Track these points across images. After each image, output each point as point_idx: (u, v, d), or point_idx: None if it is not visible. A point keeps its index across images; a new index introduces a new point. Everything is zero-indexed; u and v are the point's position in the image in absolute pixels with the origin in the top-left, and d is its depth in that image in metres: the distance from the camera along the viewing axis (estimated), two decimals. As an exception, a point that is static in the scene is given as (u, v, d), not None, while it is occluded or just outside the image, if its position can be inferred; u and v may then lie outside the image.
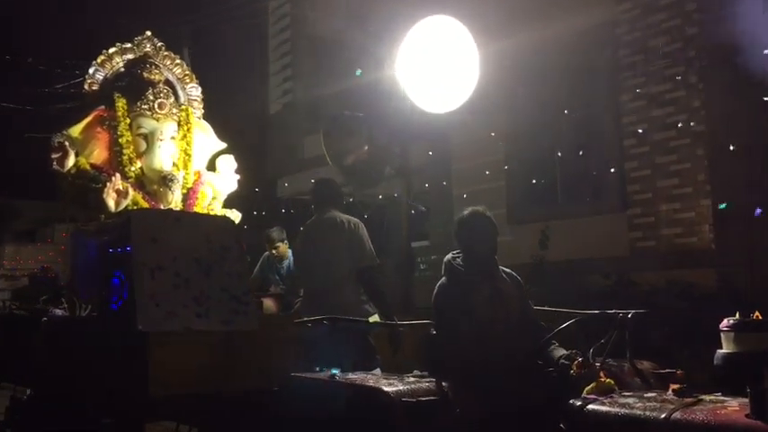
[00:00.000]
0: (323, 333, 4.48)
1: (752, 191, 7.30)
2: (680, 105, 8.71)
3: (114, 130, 6.39)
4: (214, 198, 6.63)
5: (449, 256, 4.06)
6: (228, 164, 6.74)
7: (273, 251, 7.14)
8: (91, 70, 6.55)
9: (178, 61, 6.81)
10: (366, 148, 5.95)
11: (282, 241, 7.19)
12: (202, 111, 6.85)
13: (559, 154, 9.52)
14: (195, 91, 6.84)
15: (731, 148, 7.67)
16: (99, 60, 6.58)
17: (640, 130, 8.88)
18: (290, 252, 7.27)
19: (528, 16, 8.73)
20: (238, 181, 6.81)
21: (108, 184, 6.03)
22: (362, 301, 5.01)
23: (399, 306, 5.98)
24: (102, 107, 6.43)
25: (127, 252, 5.07)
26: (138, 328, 4.59)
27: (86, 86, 6.57)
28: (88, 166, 6.27)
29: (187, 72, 6.82)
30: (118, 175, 6.15)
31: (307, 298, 5.30)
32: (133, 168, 6.34)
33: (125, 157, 6.33)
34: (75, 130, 6.36)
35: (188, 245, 4.99)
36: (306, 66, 14.66)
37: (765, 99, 7.73)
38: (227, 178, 6.74)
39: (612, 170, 9.30)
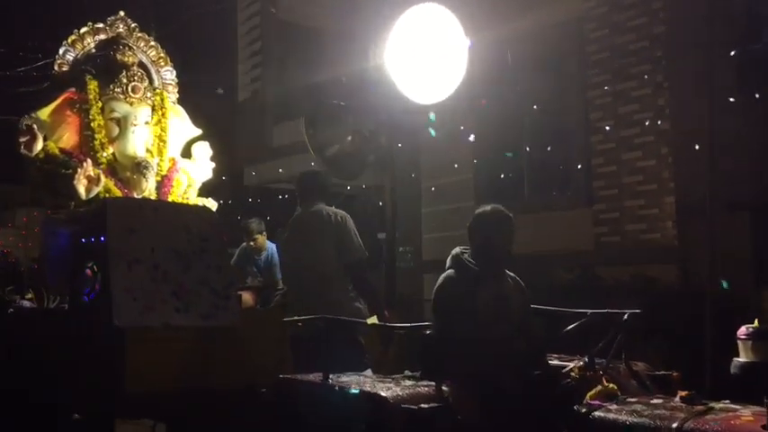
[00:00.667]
0: (312, 332, 4.12)
1: (714, 188, 7.16)
2: (645, 103, 8.63)
3: (85, 113, 5.92)
4: (189, 186, 6.20)
5: (457, 249, 3.80)
6: (204, 151, 6.33)
7: (251, 243, 6.73)
8: (61, 50, 6.06)
9: (153, 43, 6.36)
10: (350, 138, 5.56)
11: (261, 233, 6.79)
12: (177, 95, 6.38)
13: (527, 149, 9.27)
14: (170, 74, 6.40)
15: (696, 146, 7.54)
16: (70, 40, 6.09)
17: (607, 127, 8.70)
18: (268, 244, 6.87)
19: (494, 10, 8.45)
20: (208, 169, 6.36)
21: (79, 170, 5.57)
22: (352, 298, 4.70)
23: (382, 298, 5.63)
24: (73, 89, 5.94)
25: (100, 242, 4.65)
26: (114, 323, 4.14)
27: (56, 67, 6.08)
28: (57, 151, 5.81)
29: (162, 54, 6.37)
30: (89, 160, 5.70)
31: (294, 295, 4.94)
32: (105, 154, 5.89)
33: (96, 143, 5.87)
34: (44, 113, 5.88)
35: (167, 236, 4.60)
36: (276, 53, 14.21)
37: (731, 99, 7.61)
38: (202, 166, 6.32)
39: (579, 166, 9.10)
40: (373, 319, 4.18)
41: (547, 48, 9.09)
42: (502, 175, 9.41)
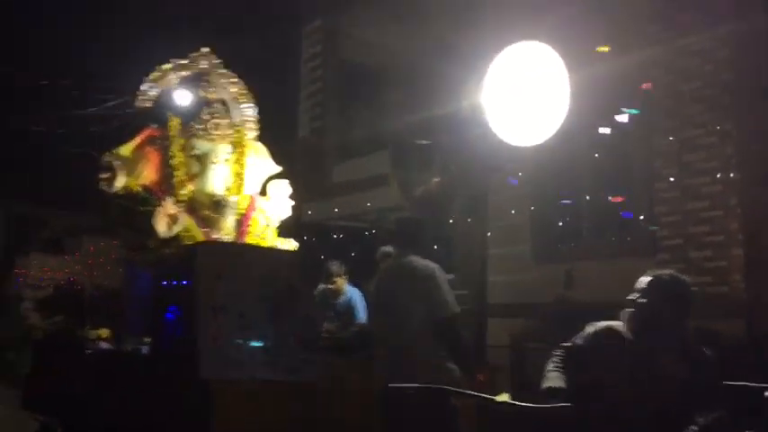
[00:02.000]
0: (408, 398, 3.50)
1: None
2: (713, 152, 7.84)
3: (166, 150, 5.48)
4: (267, 225, 5.66)
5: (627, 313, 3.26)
6: (281, 189, 5.81)
7: (330, 285, 6.09)
8: (144, 87, 5.63)
9: (234, 80, 5.88)
10: (437, 178, 4.97)
11: (341, 276, 6.17)
12: (257, 132, 5.86)
13: (587, 196, 8.54)
14: (250, 111, 5.94)
15: (765, 197, 6.80)
16: (153, 77, 5.67)
17: (671, 177, 7.94)
18: (348, 287, 6.24)
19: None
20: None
21: (159, 207, 5.07)
22: (443, 358, 4.02)
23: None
24: (155, 126, 5.47)
25: (183, 286, 4.12)
26: (201, 375, 3.59)
27: (138, 103, 5.62)
28: (138, 188, 5.35)
29: (243, 91, 5.92)
30: (169, 198, 5.19)
31: (382, 352, 4.31)
32: (185, 192, 5.42)
33: (177, 180, 5.40)
34: (125, 150, 5.44)
35: (253, 283, 4.06)
36: (338, 91, 13.72)
37: None
38: (280, 204, 5.78)
39: (641, 214, 8.33)
40: (504, 396, 3.49)
41: (610, 93, 8.48)
42: (560, 222, 8.70)
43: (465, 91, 4.73)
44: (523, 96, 4.38)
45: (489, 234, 9.43)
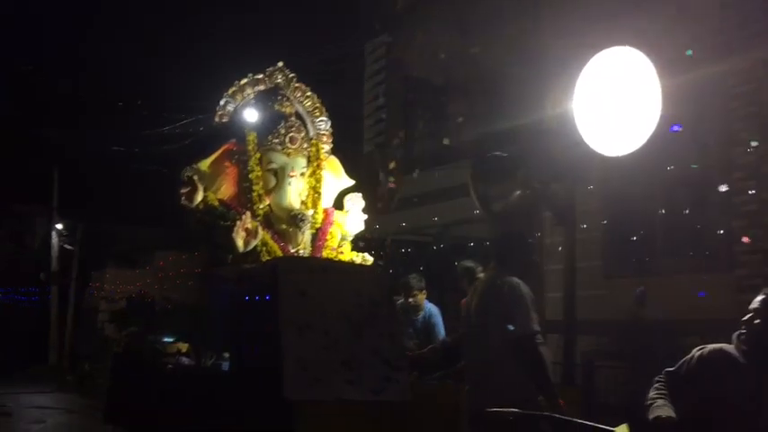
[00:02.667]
0: (501, 422, 3.23)
1: None
2: None
3: (244, 164, 5.34)
4: (343, 239, 5.47)
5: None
6: (356, 203, 5.61)
7: (410, 300, 5.84)
8: (222, 102, 5.54)
9: (309, 93, 5.75)
10: (519, 192, 4.70)
11: (421, 290, 5.90)
12: (331, 145, 5.70)
13: (662, 209, 8.11)
14: (324, 125, 5.79)
15: None
16: (230, 92, 5.57)
17: (751, 190, 7.43)
18: (426, 303, 5.98)
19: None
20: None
21: (237, 222, 4.93)
22: (523, 382, 3.73)
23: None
24: (233, 141, 5.34)
25: (266, 302, 3.95)
26: (284, 394, 3.40)
27: (216, 118, 5.56)
28: (216, 203, 5.23)
29: (317, 105, 5.77)
30: (248, 212, 5.05)
31: (468, 370, 4.05)
32: (262, 206, 5.26)
33: (254, 194, 5.27)
34: (204, 165, 5.33)
35: (337, 300, 3.87)
36: (401, 107, 13.56)
37: None
38: (354, 218, 5.59)
39: (719, 228, 7.83)
40: (623, 428, 3.17)
41: (689, 102, 8.03)
42: (633, 236, 8.27)
43: (550, 100, 4.47)
44: (615, 104, 4.09)
45: (560, 249, 9.05)
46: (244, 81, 5.64)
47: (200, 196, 5.20)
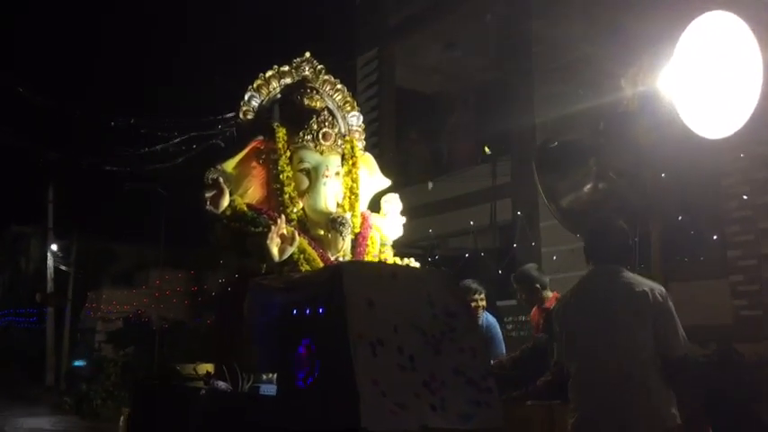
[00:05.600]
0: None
1: None
2: None
3: (273, 164, 4.62)
4: (383, 245, 4.75)
5: None
6: (395, 204, 4.89)
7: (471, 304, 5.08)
8: (246, 96, 4.82)
9: (339, 86, 5.04)
10: (589, 185, 4.00)
11: (480, 294, 5.15)
12: (364, 142, 5.00)
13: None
14: (356, 120, 5.09)
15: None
16: (255, 85, 4.84)
17: (744, 195, 6.83)
18: (485, 313, 5.24)
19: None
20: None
21: (273, 227, 4.19)
22: (676, 415, 3.03)
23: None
24: (260, 138, 4.61)
25: (319, 315, 3.20)
26: (363, 426, 2.66)
27: (241, 115, 4.82)
28: (245, 207, 4.45)
29: (348, 99, 5.06)
30: (283, 217, 4.31)
31: (578, 389, 3.32)
32: (295, 210, 4.51)
33: (286, 197, 4.54)
34: (229, 165, 4.60)
35: (408, 310, 3.14)
36: (394, 119, 12.97)
37: None
38: (393, 221, 4.87)
39: (712, 234, 7.21)
40: None
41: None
42: (629, 242, 7.58)
43: (629, 79, 3.80)
44: (713, 79, 3.43)
45: (555, 258, 8.39)
46: (269, 73, 4.90)
47: (226, 200, 4.45)
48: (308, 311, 3.36)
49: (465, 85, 13.56)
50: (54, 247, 19.92)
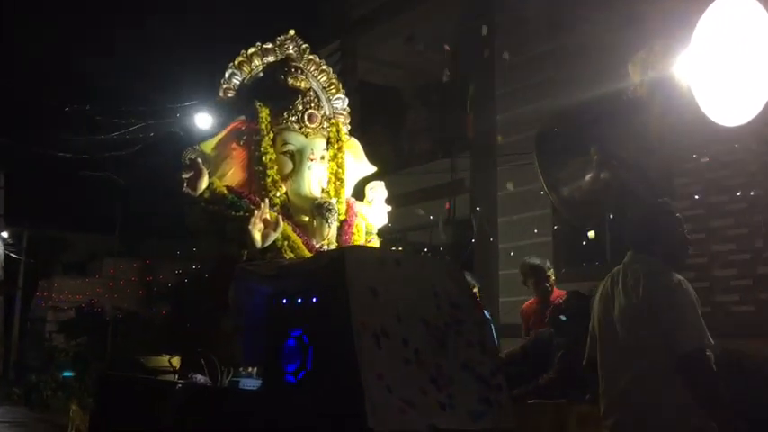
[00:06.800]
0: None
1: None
2: (735, 168, 6.72)
3: (254, 146, 4.29)
4: (369, 233, 4.47)
5: None
6: (380, 192, 4.61)
7: None
8: (227, 74, 4.48)
9: (324, 67, 4.72)
10: (591, 175, 3.78)
11: (474, 287, 4.89)
12: (349, 127, 4.70)
13: (611, 216, 7.30)
14: (341, 103, 4.77)
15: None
16: (236, 62, 4.50)
17: (696, 195, 6.80)
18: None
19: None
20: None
21: (256, 211, 3.88)
22: (690, 416, 2.80)
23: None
24: (242, 118, 4.28)
25: (313, 304, 2.91)
26: (369, 426, 2.39)
27: (221, 94, 4.46)
28: (224, 190, 4.12)
29: (333, 80, 4.74)
30: (267, 201, 3.99)
31: (608, 397, 3.09)
32: (278, 194, 4.19)
33: (269, 180, 4.22)
34: (208, 146, 4.27)
35: (412, 300, 2.85)
36: (357, 111, 12.71)
37: None
38: (378, 210, 4.59)
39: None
40: None
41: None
42: (583, 241, 7.51)
43: (637, 64, 3.59)
44: (730, 64, 3.23)
45: (512, 254, 8.28)
46: (252, 50, 4.55)
47: (205, 182, 4.12)
48: (300, 300, 3.06)
49: (427, 79, 13.39)
50: (5, 234, 19.09)
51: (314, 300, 2.97)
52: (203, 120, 4.37)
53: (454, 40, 11.52)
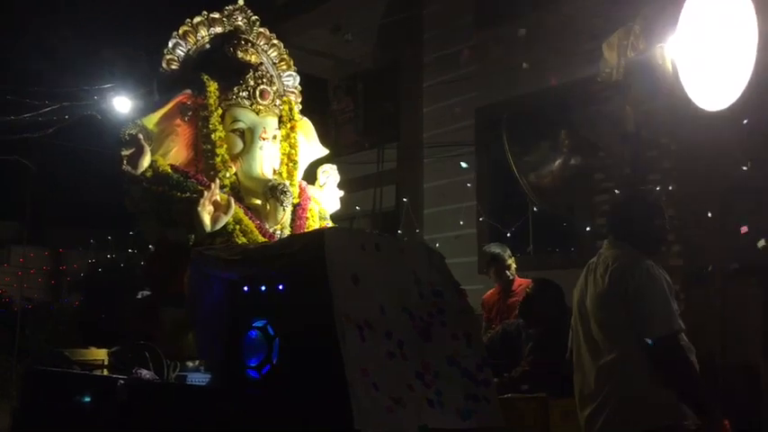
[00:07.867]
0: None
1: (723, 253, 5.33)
2: (652, 164, 6.68)
3: (202, 122, 3.89)
4: (323, 219, 4.16)
5: None
6: (333, 176, 4.31)
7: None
8: (171, 43, 4.06)
9: (275, 42, 4.37)
10: (560, 161, 3.60)
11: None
12: (300, 106, 4.37)
13: (534, 207, 7.21)
14: (292, 81, 4.44)
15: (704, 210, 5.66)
16: (181, 31, 4.10)
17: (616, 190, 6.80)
18: None
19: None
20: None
21: (206, 192, 3.51)
22: (661, 393, 2.68)
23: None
24: (187, 92, 3.87)
25: (279, 292, 2.62)
26: (355, 427, 2.12)
27: (164, 65, 4.05)
28: (169, 169, 3.72)
29: (284, 56, 4.39)
30: (217, 181, 3.63)
31: (581, 387, 2.92)
32: (228, 174, 3.82)
33: (218, 159, 3.84)
34: (150, 121, 3.85)
35: (394, 288, 2.58)
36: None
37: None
38: (331, 194, 4.29)
39: (585, 225, 7.09)
40: None
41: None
42: (507, 233, 7.40)
43: (612, 49, 3.41)
44: (710, 49, 3.11)
45: (437, 245, 8.16)
46: (198, 19, 4.13)
47: (147, 160, 3.70)
48: (263, 288, 2.74)
49: (354, 70, 13.15)
50: None
51: (283, 287, 2.66)
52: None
53: (382, 31, 11.32)
